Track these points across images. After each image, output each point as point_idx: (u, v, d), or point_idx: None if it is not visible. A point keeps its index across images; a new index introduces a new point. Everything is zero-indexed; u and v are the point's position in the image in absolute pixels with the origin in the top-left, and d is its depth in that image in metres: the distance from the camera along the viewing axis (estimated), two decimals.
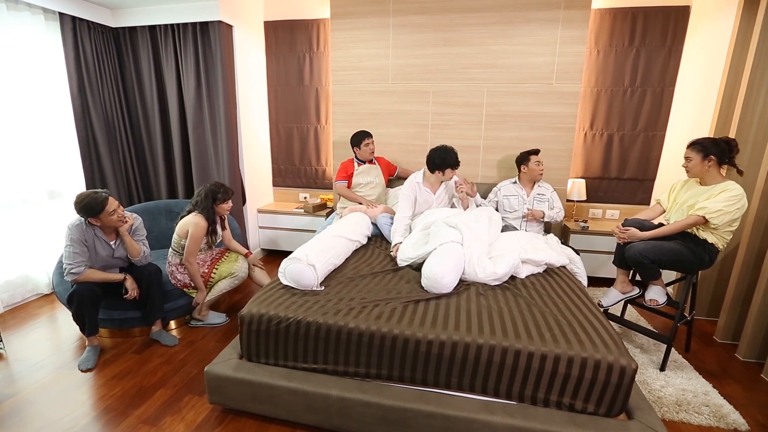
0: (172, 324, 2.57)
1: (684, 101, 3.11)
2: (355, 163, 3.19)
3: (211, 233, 2.48)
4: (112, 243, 2.26)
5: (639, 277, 2.32)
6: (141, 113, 3.51)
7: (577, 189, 3.30)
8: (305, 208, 3.72)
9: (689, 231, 2.10)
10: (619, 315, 2.55)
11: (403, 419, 1.56)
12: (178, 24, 3.22)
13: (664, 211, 2.31)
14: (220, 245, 2.75)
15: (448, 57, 3.16)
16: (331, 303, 1.80)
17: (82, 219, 2.14)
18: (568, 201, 3.30)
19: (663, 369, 2.14)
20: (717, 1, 2.77)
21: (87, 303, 2.13)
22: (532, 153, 2.87)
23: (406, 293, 1.91)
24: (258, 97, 3.79)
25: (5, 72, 2.68)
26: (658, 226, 2.18)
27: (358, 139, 3.10)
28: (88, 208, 2.08)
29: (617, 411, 1.49)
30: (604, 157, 3.41)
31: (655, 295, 2.20)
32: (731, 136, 2.39)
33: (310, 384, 1.66)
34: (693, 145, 2.10)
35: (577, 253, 2.53)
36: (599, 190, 3.50)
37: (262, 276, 2.69)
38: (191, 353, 2.29)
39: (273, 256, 3.95)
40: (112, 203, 2.14)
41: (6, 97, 2.70)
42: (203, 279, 2.51)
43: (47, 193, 3.00)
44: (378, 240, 2.81)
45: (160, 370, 2.13)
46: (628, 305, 2.74)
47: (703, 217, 2.00)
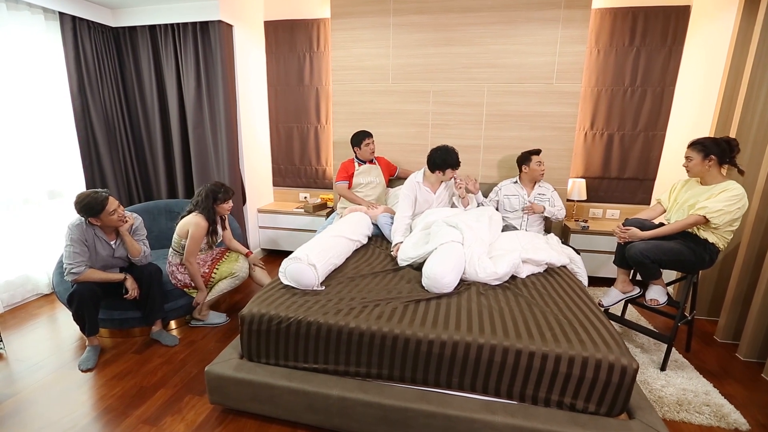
0: (173, 324, 2.57)
1: (684, 101, 3.11)
2: (356, 163, 3.18)
3: (212, 233, 2.48)
4: (112, 243, 2.26)
5: (639, 277, 2.32)
6: (141, 113, 3.51)
7: (577, 189, 3.30)
8: (305, 208, 3.72)
9: (690, 231, 2.10)
10: (619, 315, 2.55)
11: (404, 419, 1.56)
12: (178, 24, 3.21)
13: (665, 211, 2.31)
14: (220, 245, 2.75)
15: (449, 57, 3.16)
16: (331, 303, 1.80)
17: (83, 219, 2.14)
18: (568, 201, 3.30)
19: (664, 369, 2.14)
20: (717, 0, 2.77)
21: (87, 303, 2.13)
22: (533, 153, 2.87)
23: (407, 293, 1.91)
24: (258, 96, 3.79)
25: (5, 72, 2.68)
26: (659, 225, 2.18)
27: (359, 139, 3.10)
28: (88, 208, 2.08)
29: (618, 411, 1.49)
30: (604, 157, 3.41)
31: (656, 294, 2.20)
32: (732, 135, 2.39)
33: (311, 384, 1.65)
34: (694, 144, 2.10)
35: (578, 253, 2.53)
36: (599, 190, 3.50)
37: (262, 276, 2.70)
38: (191, 353, 2.29)
39: (273, 256, 3.95)
40: (113, 203, 2.14)
41: (6, 97, 2.70)
42: (204, 279, 2.51)
43: (47, 193, 2.99)
44: (378, 240, 2.81)
45: (161, 370, 2.13)
46: (629, 305, 2.74)
47: (704, 216, 1.99)
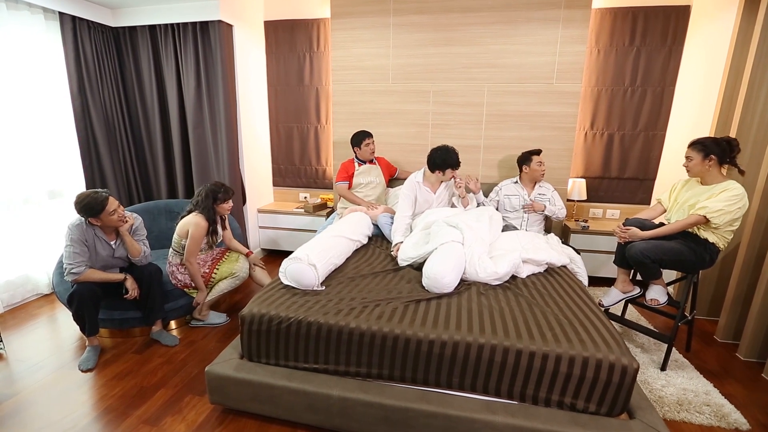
0: (173, 324, 2.57)
1: (684, 101, 3.11)
2: (356, 163, 3.18)
3: (212, 233, 2.48)
4: (112, 243, 2.26)
5: (640, 277, 2.32)
6: (141, 113, 3.51)
7: (577, 189, 3.30)
8: (305, 208, 3.71)
9: (690, 230, 2.10)
10: (619, 314, 2.55)
11: (404, 419, 1.56)
12: (178, 23, 3.21)
13: (665, 211, 2.31)
14: (220, 245, 2.75)
15: (449, 56, 3.16)
16: (332, 303, 1.80)
17: (83, 219, 2.14)
18: (568, 201, 3.30)
19: (664, 368, 2.14)
20: (717, 0, 2.77)
21: (87, 303, 2.13)
22: (534, 153, 2.86)
23: (407, 293, 1.91)
24: (258, 96, 3.79)
25: (5, 72, 2.68)
26: (659, 225, 2.18)
27: (359, 139, 3.10)
28: (88, 208, 2.08)
29: (619, 410, 1.49)
30: (604, 157, 3.41)
31: (656, 294, 2.20)
32: (732, 135, 2.39)
33: (311, 384, 1.65)
34: (694, 144, 2.10)
35: (578, 253, 2.53)
36: (600, 190, 3.50)
37: (262, 276, 2.70)
38: (192, 353, 2.29)
39: (273, 256, 3.94)
40: (113, 203, 2.14)
41: (6, 97, 2.69)
42: (204, 279, 2.50)
43: (47, 193, 2.99)
44: (379, 240, 2.81)
45: (161, 370, 2.12)
46: (629, 305, 2.74)
47: (704, 216, 1.99)
